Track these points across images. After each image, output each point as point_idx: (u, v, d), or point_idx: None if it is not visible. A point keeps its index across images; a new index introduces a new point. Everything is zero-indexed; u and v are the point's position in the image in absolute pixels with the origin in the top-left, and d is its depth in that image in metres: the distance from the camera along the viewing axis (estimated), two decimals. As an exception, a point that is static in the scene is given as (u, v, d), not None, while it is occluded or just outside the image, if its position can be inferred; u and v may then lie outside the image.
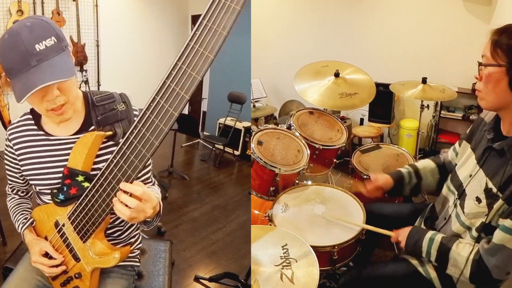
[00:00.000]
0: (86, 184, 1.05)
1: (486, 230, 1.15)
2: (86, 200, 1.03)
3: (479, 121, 1.35)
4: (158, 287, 1.48)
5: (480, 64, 1.15)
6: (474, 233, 1.18)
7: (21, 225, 1.25)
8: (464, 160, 1.34)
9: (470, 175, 1.26)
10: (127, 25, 5.46)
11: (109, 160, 0.94)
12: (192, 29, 0.72)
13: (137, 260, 1.37)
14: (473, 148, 1.32)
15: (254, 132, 1.99)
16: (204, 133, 5.53)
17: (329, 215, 1.63)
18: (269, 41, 4.73)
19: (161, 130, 0.83)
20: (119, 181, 0.94)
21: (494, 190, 1.14)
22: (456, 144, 1.49)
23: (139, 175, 0.99)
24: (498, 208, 1.11)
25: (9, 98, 4.32)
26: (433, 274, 1.29)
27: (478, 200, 1.18)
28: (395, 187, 1.56)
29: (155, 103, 0.81)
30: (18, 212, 1.29)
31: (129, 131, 0.88)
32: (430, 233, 1.28)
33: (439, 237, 1.25)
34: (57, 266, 1.16)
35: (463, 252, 1.17)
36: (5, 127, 4.05)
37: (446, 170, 1.52)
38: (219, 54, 0.77)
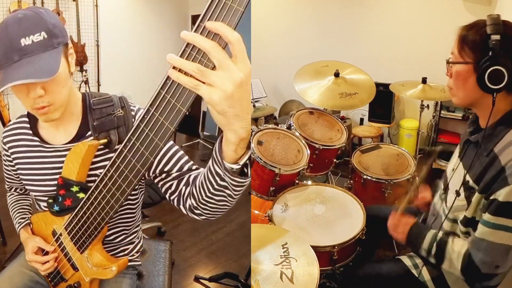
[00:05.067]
0: (81, 195, 1.03)
1: (473, 225, 1.14)
2: (82, 212, 1.01)
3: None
4: (158, 287, 1.48)
5: (448, 62, 1.16)
6: (462, 228, 1.18)
7: (17, 225, 1.26)
8: (452, 157, 1.36)
9: (453, 169, 1.28)
10: (127, 25, 5.46)
11: (103, 174, 0.91)
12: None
13: (138, 260, 1.37)
14: (459, 144, 1.35)
15: (254, 132, 1.99)
16: (204, 133, 5.53)
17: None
18: (269, 41, 4.73)
19: (155, 145, 0.77)
20: (113, 195, 0.91)
21: (471, 182, 1.14)
22: None
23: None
24: (477, 202, 1.11)
25: (9, 98, 4.33)
26: (427, 277, 1.29)
27: (457, 193, 1.19)
28: None
29: (149, 115, 0.74)
30: (16, 210, 1.30)
31: (123, 144, 0.82)
32: (433, 230, 1.26)
33: (441, 233, 1.24)
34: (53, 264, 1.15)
35: (456, 247, 1.17)
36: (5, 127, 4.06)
37: None
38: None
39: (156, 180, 1.09)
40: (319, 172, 2.20)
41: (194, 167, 1.08)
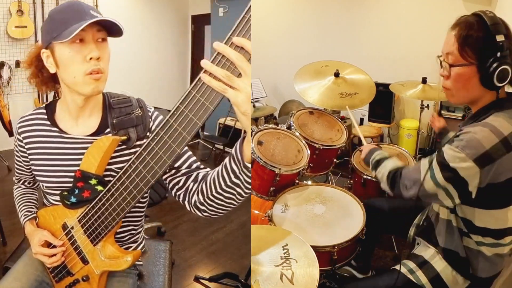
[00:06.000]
0: (99, 188, 1.05)
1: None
2: (100, 204, 1.03)
3: None
4: (158, 287, 1.48)
5: (450, 65, 1.14)
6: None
7: (23, 217, 1.26)
8: None
9: None
10: (127, 25, 5.41)
11: (127, 165, 0.95)
12: (192, 29, 0.73)
13: (139, 260, 1.37)
14: None
15: (254, 132, 1.99)
16: (204, 133, 5.53)
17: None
18: (269, 41, 4.73)
19: (183, 138, 0.84)
20: (136, 186, 0.95)
21: None
22: None
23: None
24: None
25: (9, 98, 4.33)
26: (424, 279, 1.28)
27: None
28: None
29: (179, 112, 0.82)
30: (22, 203, 1.31)
31: (150, 138, 0.89)
32: (385, 151, 1.50)
33: (385, 153, 1.47)
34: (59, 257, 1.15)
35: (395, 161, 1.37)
36: (5, 127, 4.06)
37: None
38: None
39: (165, 176, 1.13)
40: (319, 172, 2.20)
41: (202, 166, 1.13)
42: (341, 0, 4.28)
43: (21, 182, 1.38)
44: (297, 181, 1.90)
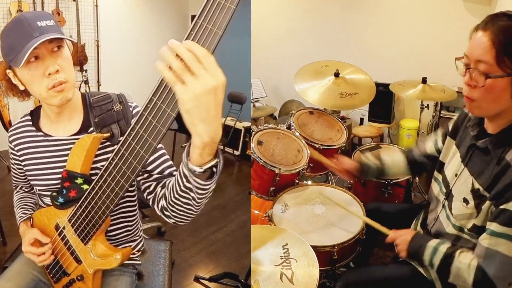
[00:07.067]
0: (85, 187, 1.06)
1: (480, 233, 1.12)
2: (86, 203, 1.04)
3: (463, 116, 1.32)
4: (158, 287, 1.48)
5: (487, 75, 1.01)
6: (468, 234, 1.17)
7: (19, 219, 1.29)
8: (450, 158, 1.32)
9: (456, 174, 1.24)
10: (127, 25, 5.46)
11: (108, 162, 0.95)
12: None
13: (138, 259, 1.37)
14: (457, 145, 1.29)
15: (254, 132, 1.99)
16: (204, 133, 5.53)
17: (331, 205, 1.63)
18: (269, 41, 4.73)
19: (158, 131, 0.83)
20: (118, 182, 0.95)
21: (481, 190, 1.11)
22: (438, 137, 1.47)
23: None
24: (487, 210, 1.09)
25: (9, 98, 4.33)
26: (434, 275, 1.27)
27: (466, 201, 1.15)
28: (360, 174, 1.62)
29: (152, 104, 0.81)
30: (19, 206, 1.34)
31: (127, 133, 0.88)
32: (433, 242, 1.22)
33: (443, 248, 1.19)
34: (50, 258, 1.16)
35: (464, 258, 1.13)
36: (5, 127, 4.06)
37: (419, 166, 1.55)
38: (218, 54, 0.77)
39: (138, 178, 1.13)
40: (319, 172, 2.19)
41: (175, 173, 1.11)
42: (341, 0, 4.28)
43: (19, 187, 1.41)
44: (297, 181, 1.90)
